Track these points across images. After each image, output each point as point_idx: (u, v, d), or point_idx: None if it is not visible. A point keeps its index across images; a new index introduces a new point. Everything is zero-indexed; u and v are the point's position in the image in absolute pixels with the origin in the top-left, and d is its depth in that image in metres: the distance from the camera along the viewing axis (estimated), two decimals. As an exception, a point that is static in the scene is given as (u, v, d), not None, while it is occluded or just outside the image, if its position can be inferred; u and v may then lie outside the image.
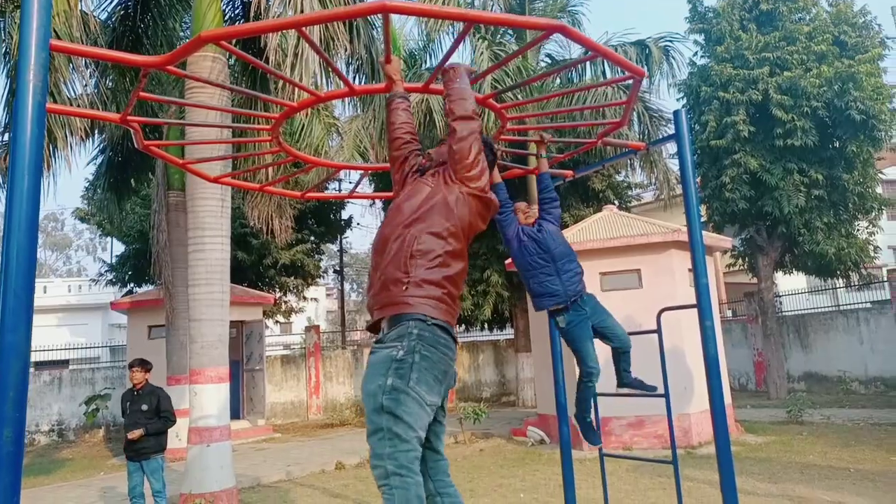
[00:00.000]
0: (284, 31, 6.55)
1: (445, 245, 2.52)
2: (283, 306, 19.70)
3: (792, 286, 19.41)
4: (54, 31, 6.55)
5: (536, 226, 4.51)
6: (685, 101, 15.00)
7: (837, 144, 13.62)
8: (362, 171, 5.74)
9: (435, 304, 2.43)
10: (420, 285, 2.43)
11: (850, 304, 17.15)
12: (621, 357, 4.48)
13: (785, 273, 16.31)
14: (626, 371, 4.52)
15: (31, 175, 2.41)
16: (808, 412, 11.11)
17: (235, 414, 14.39)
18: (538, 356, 11.09)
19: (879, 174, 14.64)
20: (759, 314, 15.64)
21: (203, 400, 7.16)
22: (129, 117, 3.50)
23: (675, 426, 5.34)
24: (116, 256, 19.08)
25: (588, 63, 13.81)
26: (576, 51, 14.91)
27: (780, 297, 17.55)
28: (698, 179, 14.70)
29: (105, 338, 27.44)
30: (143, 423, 5.96)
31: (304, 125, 9.61)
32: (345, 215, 21.41)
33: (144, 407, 6.03)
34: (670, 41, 14.29)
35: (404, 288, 2.42)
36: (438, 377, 2.34)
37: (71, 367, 18.99)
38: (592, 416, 4.59)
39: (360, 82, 9.89)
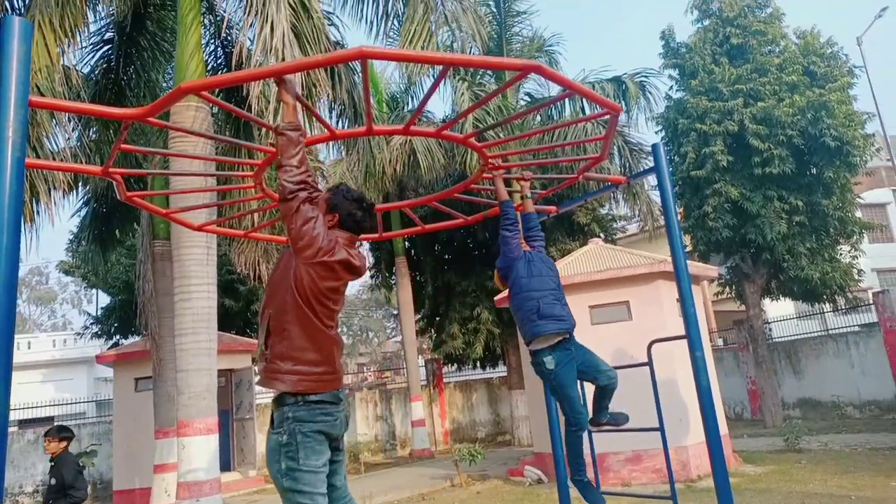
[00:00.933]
0: (266, 79, 6.64)
1: (298, 316, 2.70)
2: (273, 352, 19.45)
3: (780, 312, 19.50)
4: (36, 86, 6.59)
5: (533, 252, 4.39)
6: (663, 133, 15.29)
7: (815, 171, 13.89)
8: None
9: (300, 379, 2.67)
10: (282, 361, 2.68)
11: (838, 327, 17.23)
12: (606, 395, 4.29)
13: (772, 299, 16.39)
14: (605, 408, 4.33)
15: (11, 233, 2.39)
16: (805, 439, 11.03)
17: (226, 465, 14.04)
18: (532, 393, 10.97)
19: (857, 198, 14.89)
20: (750, 341, 15.66)
21: (192, 453, 6.99)
22: (110, 169, 3.50)
23: (673, 459, 5.27)
24: (102, 308, 18.87)
25: (567, 100, 14.07)
26: (554, 88, 15.23)
27: (769, 323, 17.61)
28: (680, 210, 14.88)
29: (91, 392, 26.87)
30: (49, 501, 5.29)
31: (288, 170, 9.66)
32: (332, 258, 21.33)
33: (53, 482, 5.43)
34: (646, 76, 14.65)
35: (272, 364, 2.70)
36: (321, 438, 2.68)
37: (56, 423, 18.51)
38: (590, 470, 4.40)
39: (343, 126, 10.00)
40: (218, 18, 9.77)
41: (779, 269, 14.57)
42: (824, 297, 14.99)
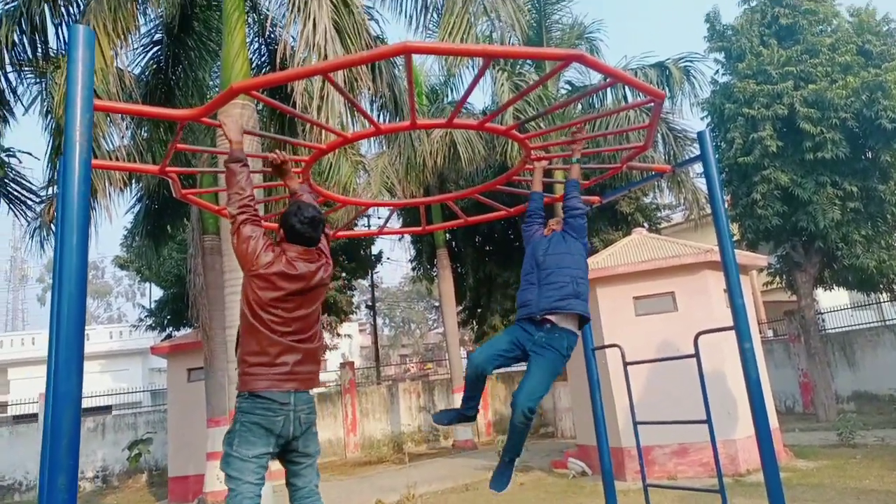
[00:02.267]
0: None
1: (247, 325, 3.07)
2: (318, 344, 19.82)
3: (834, 302, 18.85)
4: (94, 89, 6.86)
5: (552, 234, 4.16)
6: (709, 119, 14.92)
7: (870, 155, 13.35)
8: (391, 208, 5.83)
9: (248, 378, 3.01)
10: (240, 364, 3.06)
11: (896, 318, 16.59)
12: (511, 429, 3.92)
13: (825, 289, 15.87)
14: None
15: (80, 230, 2.52)
16: (861, 434, 10.68)
17: (274, 454, 14.41)
18: (575, 385, 10.93)
19: (917, 183, 14.27)
20: (802, 333, 15.21)
21: (243, 441, 7.21)
22: (167, 168, 3.64)
23: (721, 453, 5.20)
24: (155, 301, 19.54)
25: (609, 87, 13.87)
26: (595, 76, 15.02)
27: (822, 314, 17.06)
28: (728, 198, 14.52)
29: (146, 382, 27.90)
30: None
31: (332, 164, 9.81)
32: (374, 250, 21.60)
33: None
34: (690, 61, 14.31)
35: (237, 368, 3.10)
36: (259, 432, 2.98)
37: (114, 412, 19.32)
38: (635, 462, 4.36)
39: (383, 119, 10.11)
40: (261, 17, 9.97)
41: (832, 258, 14.09)
42: (881, 286, 14.44)
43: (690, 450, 8.98)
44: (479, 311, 18.20)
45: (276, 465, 3.39)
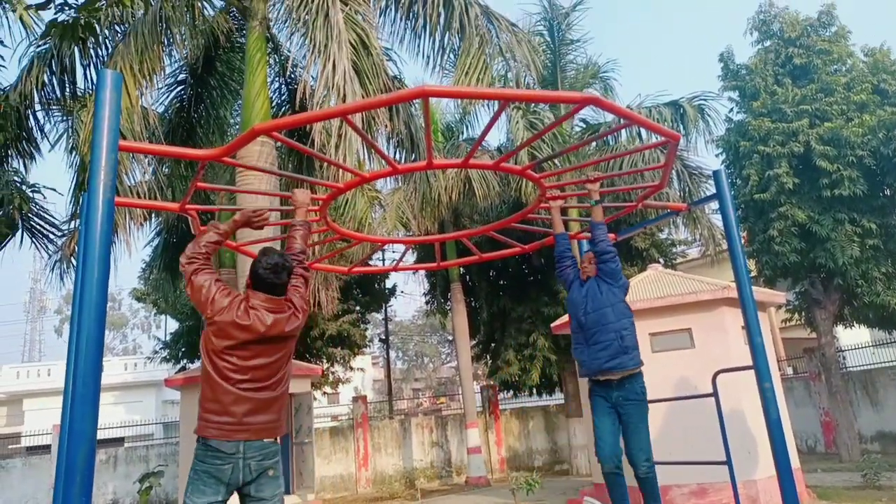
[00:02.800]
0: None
1: (203, 371, 3.13)
2: (331, 377, 19.76)
3: (855, 340, 18.50)
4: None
5: (588, 282, 4.14)
6: (724, 156, 14.93)
7: (888, 192, 13.27)
8: (406, 245, 5.87)
9: (202, 424, 3.09)
10: (199, 409, 3.14)
11: (920, 356, 16.21)
12: (643, 489, 4.07)
13: (846, 326, 15.60)
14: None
15: (101, 266, 2.58)
16: (886, 475, 10.37)
17: (286, 489, 14.21)
18: (590, 422, 10.75)
19: (937, 220, 14.11)
20: (822, 371, 14.91)
21: (255, 477, 7.16)
22: (187, 206, 3.72)
23: (741, 494, 5.08)
24: (170, 334, 19.65)
25: (624, 128, 13.97)
26: (610, 114, 15.15)
27: (842, 351, 16.74)
28: (744, 234, 14.44)
29: (159, 414, 27.89)
30: None
31: (348, 200, 9.94)
32: (388, 284, 21.64)
33: None
34: (704, 100, 14.38)
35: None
36: (209, 481, 3.01)
37: (126, 444, 19.29)
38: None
39: (400, 156, 10.24)
40: (282, 58, 10.24)
41: (852, 295, 13.89)
42: (903, 324, 14.18)
43: (710, 490, 8.76)
44: (492, 345, 18.07)
45: (288, 500, 3.41)
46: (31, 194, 9.31)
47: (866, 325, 15.44)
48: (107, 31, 8.38)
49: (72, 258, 9.50)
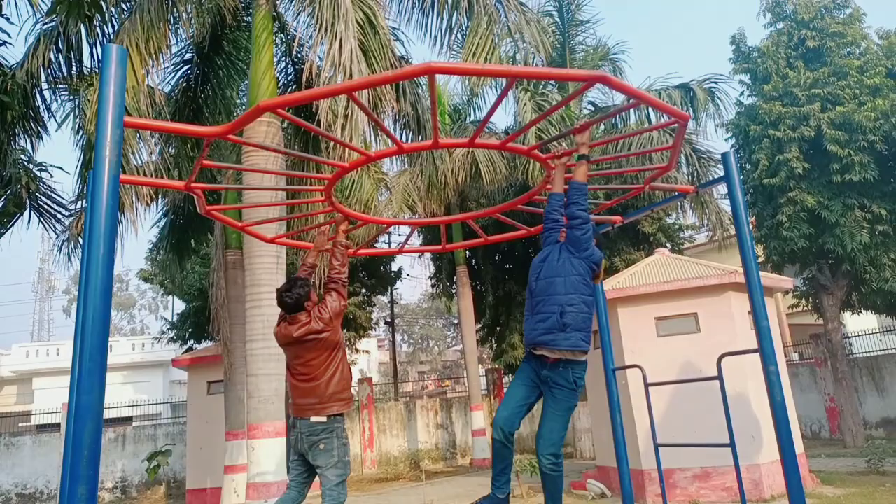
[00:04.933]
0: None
1: None
2: (336, 359, 19.84)
3: (861, 326, 18.43)
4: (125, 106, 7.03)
5: (552, 247, 3.73)
6: (734, 140, 14.80)
7: (900, 178, 13.14)
8: (412, 226, 5.86)
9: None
10: None
11: (927, 343, 16.16)
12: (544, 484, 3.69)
13: (853, 313, 15.55)
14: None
15: (107, 244, 2.57)
16: (890, 461, 10.38)
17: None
18: (595, 406, 10.80)
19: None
20: (828, 357, 14.89)
21: (260, 455, 7.23)
22: (192, 185, 3.71)
23: (745, 478, 5.09)
24: (177, 315, 19.75)
25: (632, 108, 13.86)
26: (619, 97, 15.02)
27: (849, 338, 16.69)
28: (753, 219, 14.34)
29: (166, 394, 28.15)
30: None
31: (354, 181, 9.91)
32: (394, 267, 21.65)
33: None
34: (715, 82, 14.24)
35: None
36: (292, 448, 4.25)
37: (134, 423, 19.51)
38: (657, 486, 4.23)
39: (406, 138, 10.20)
40: (289, 37, 10.16)
41: (860, 281, 13.81)
42: (911, 311, 14.12)
43: (713, 474, 8.80)
44: (497, 328, 18.11)
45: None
46: (38, 173, 9.32)
47: (874, 312, 15.38)
48: (113, 9, 8.33)
49: (79, 238, 9.54)
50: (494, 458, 3.75)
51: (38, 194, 9.62)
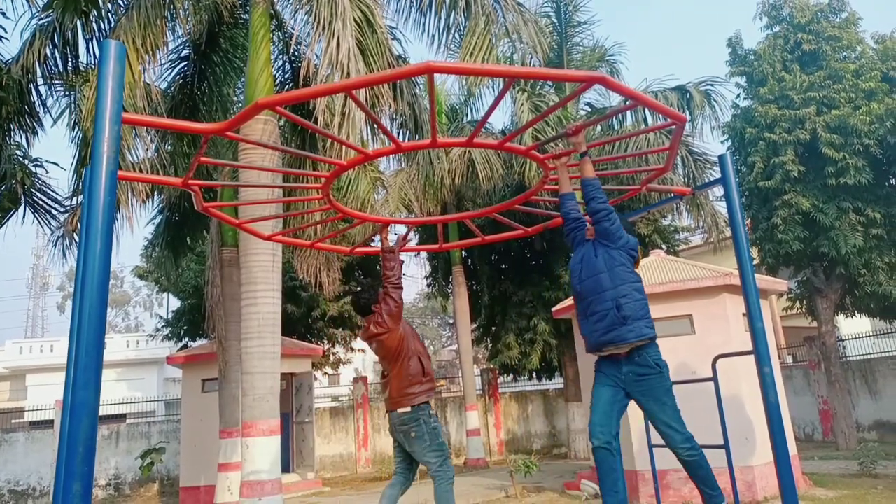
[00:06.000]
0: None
1: None
2: (332, 358, 19.86)
3: (855, 329, 18.52)
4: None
5: (585, 246, 3.69)
6: (730, 143, 14.84)
7: (894, 181, 13.20)
8: (408, 225, 5.86)
9: None
10: None
11: (920, 347, 16.23)
12: (688, 470, 3.60)
13: (847, 316, 15.61)
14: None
15: (103, 239, 2.57)
16: (882, 464, 10.43)
17: (285, 467, 14.40)
18: (589, 405, 10.81)
19: (942, 210, 14.04)
20: (822, 359, 14.94)
21: (255, 453, 7.22)
22: (189, 181, 3.70)
23: (738, 479, 5.11)
24: (172, 312, 19.71)
25: (629, 110, 13.89)
26: (616, 98, 15.04)
27: (843, 341, 16.76)
28: (748, 221, 14.38)
29: (161, 392, 28.08)
30: None
31: (351, 180, 9.91)
32: (391, 266, 21.62)
33: None
34: (711, 85, 14.27)
35: None
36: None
37: (128, 421, 19.45)
38: (650, 486, 4.22)
39: (403, 137, 10.19)
40: (286, 35, 10.15)
41: (854, 285, 13.88)
42: (904, 314, 14.20)
43: (706, 476, 8.81)
44: (493, 328, 18.11)
45: (288, 478, 3.71)
46: (33, 169, 9.29)
47: (867, 315, 15.44)
48: (109, 5, 8.31)
49: (74, 234, 9.51)
50: (600, 472, 3.47)
51: (33, 190, 9.59)
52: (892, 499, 8.29)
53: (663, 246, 15.86)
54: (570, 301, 10.12)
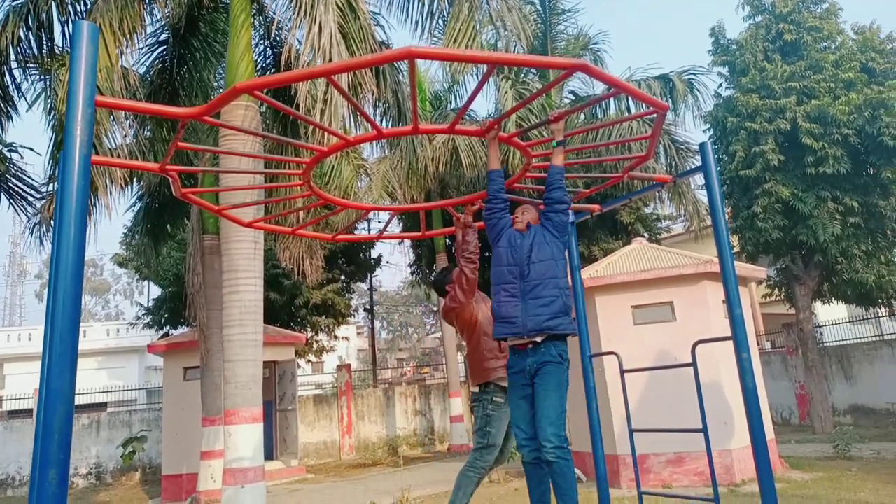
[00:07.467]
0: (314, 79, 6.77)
1: None
2: (315, 346, 19.82)
3: (832, 316, 18.85)
4: (97, 86, 6.87)
5: (532, 230, 3.65)
6: (712, 132, 14.95)
7: (871, 171, 13.39)
8: (391, 213, 5.83)
9: None
10: None
11: (894, 333, 16.57)
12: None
13: (824, 303, 15.88)
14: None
15: (78, 224, 2.53)
16: (857, 447, 10.67)
17: (269, 454, 14.39)
18: (571, 391, 10.89)
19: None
20: (800, 345, 15.21)
21: (237, 441, 7.19)
22: (167, 166, 3.65)
23: (717, 463, 5.19)
24: (153, 300, 19.51)
25: (612, 98, 13.91)
26: (599, 86, 15.05)
27: (820, 327, 17.06)
28: (728, 210, 14.53)
29: (142, 380, 27.85)
30: None
31: (333, 167, 9.83)
32: (374, 254, 21.59)
33: None
34: (694, 74, 14.35)
35: None
36: None
37: (109, 409, 19.29)
38: (631, 471, 4.30)
39: (386, 124, 10.12)
40: (267, 20, 10.00)
41: (831, 272, 14.11)
42: (880, 301, 14.46)
43: (686, 459, 8.96)
44: (477, 317, 18.19)
45: (271, 466, 3.51)
46: (8, 154, 9.10)
47: (844, 302, 15.72)
48: (85, -14, 8.13)
49: (51, 221, 9.34)
50: (531, 484, 3.71)
51: (8, 176, 9.40)
52: (866, 480, 8.48)
53: (645, 234, 15.98)
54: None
